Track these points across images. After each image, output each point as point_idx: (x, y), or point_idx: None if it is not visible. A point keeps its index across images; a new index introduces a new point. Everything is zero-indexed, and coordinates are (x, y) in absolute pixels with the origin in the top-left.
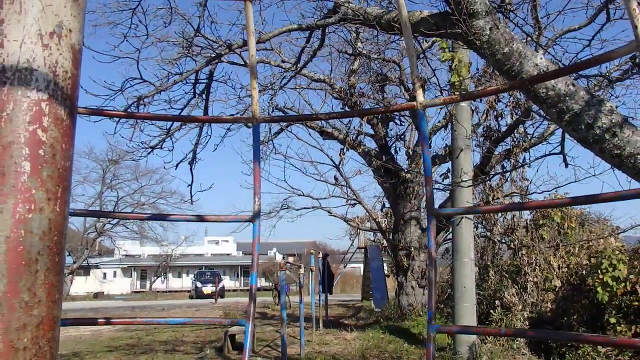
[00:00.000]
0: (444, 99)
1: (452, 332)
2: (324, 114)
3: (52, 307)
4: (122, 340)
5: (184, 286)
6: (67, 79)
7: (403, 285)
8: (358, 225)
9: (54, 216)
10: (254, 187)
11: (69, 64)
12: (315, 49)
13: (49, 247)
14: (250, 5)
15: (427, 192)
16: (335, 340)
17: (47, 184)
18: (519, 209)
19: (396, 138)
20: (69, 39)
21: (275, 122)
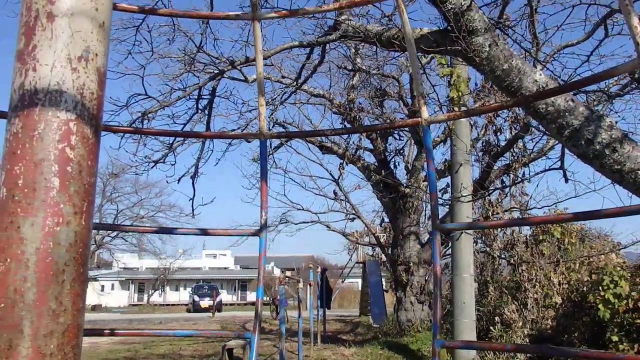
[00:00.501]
0: (448, 115)
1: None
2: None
3: (77, 315)
4: (119, 352)
5: (181, 300)
6: (93, 100)
7: (402, 300)
8: (357, 240)
9: (80, 229)
10: (261, 202)
11: (95, 85)
12: (316, 65)
13: (74, 259)
14: (258, 24)
15: (432, 208)
16: (334, 355)
17: (74, 198)
18: (521, 224)
19: (395, 153)
20: (95, 62)
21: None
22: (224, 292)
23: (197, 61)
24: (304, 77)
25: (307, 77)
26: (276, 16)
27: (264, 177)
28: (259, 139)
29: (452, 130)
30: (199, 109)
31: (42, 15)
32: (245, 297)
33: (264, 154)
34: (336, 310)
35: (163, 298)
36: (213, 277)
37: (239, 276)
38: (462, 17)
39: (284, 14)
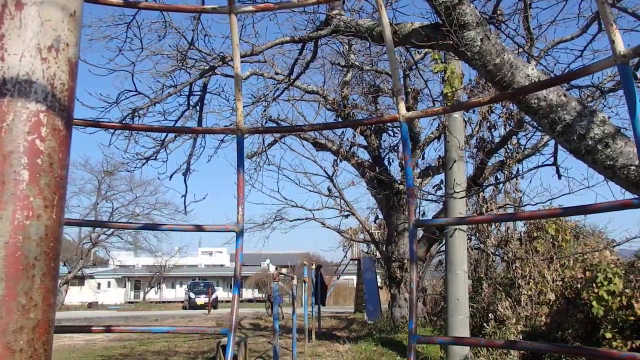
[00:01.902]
0: (426, 111)
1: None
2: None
3: (48, 310)
4: (115, 350)
5: (177, 297)
6: (64, 91)
7: (396, 297)
8: (351, 237)
9: (51, 223)
10: (238, 198)
11: (66, 76)
12: (308, 61)
13: (45, 253)
14: (235, 18)
15: (409, 203)
16: (328, 352)
17: (45, 192)
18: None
19: (390, 149)
20: (66, 52)
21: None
22: (220, 289)
23: (188, 58)
24: (297, 73)
25: (299, 73)
26: (253, 10)
27: (241, 172)
28: (236, 135)
29: (446, 126)
30: (190, 105)
31: (11, 3)
32: (241, 293)
33: (240, 150)
34: (331, 307)
35: (159, 295)
36: (209, 275)
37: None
38: (453, 11)
39: (261, 7)
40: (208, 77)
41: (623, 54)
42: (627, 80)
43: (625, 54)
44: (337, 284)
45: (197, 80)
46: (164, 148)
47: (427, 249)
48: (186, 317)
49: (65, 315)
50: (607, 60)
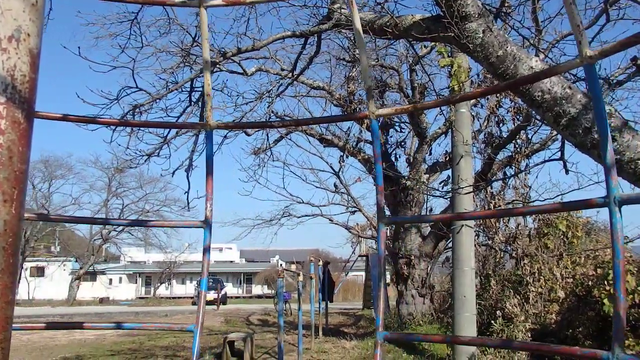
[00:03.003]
0: (395, 108)
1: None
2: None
3: (6, 308)
4: (124, 344)
5: (187, 292)
6: (25, 83)
7: (403, 294)
8: (359, 233)
9: (10, 218)
10: (206, 194)
11: (27, 67)
12: (312, 56)
13: (3, 249)
14: (205, 11)
15: (377, 201)
16: (334, 348)
17: (4, 185)
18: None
19: (396, 145)
20: (27, 43)
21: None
22: (229, 285)
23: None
24: (301, 69)
25: (303, 69)
26: (223, 4)
27: (210, 168)
28: (205, 130)
29: (452, 121)
30: (192, 101)
31: None
32: (250, 290)
33: (210, 145)
34: (340, 303)
35: (170, 291)
36: (219, 271)
37: (244, 269)
38: (454, 3)
39: (231, 1)
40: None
41: (589, 55)
42: (593, 82)
43: (592, 56)
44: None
45: (198, 75)
46: (167, 144)
47: (434, 246)
48: (195, 313)
49: (77, 311)
50: (573, 62)
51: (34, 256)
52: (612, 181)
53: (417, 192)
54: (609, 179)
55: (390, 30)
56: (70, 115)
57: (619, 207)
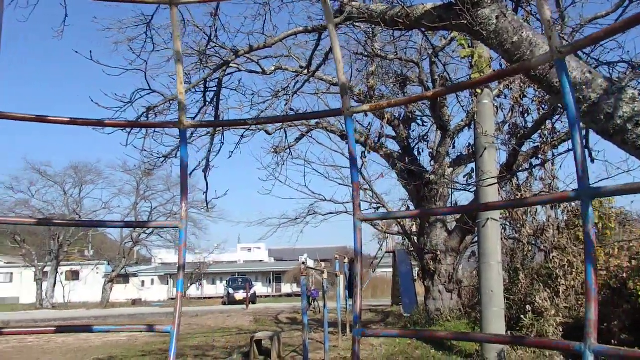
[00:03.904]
0: (370, 105)
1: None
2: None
3: None
4: (155, 345)
5: (218, 293)
6: None
7: (430, 289)
8: (384, 229)
9: None
10: (181, 194)
11: None
12: (327, 52)
13: None
14: (175, 9)
15: (352, 198)
16: (362, 345)
17: None
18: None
19: (419, 139)
20: None
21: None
22: (258, 285)
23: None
24: (317, 65)
25: (319, 65)
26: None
27: (184, 168)
28: (178, 129)
29: (474, 113)
30: (206, 101)
31: None
32: (280, 288)
33: (184, 144)
34: (369, 300)
35: (200, 292)
36: (248, 270)
37: (273, 268)
38: None
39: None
40: (223, 72)
41: (559, 49)
42: (564, 76)
43: (562, 50)
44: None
45: (211, 75)
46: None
47: (460, 240)
48: (225, 313)
49: (110, 313)
50: (544, 56)
51: (68, 260)
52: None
53: (440, 186)
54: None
55: (401, 21)
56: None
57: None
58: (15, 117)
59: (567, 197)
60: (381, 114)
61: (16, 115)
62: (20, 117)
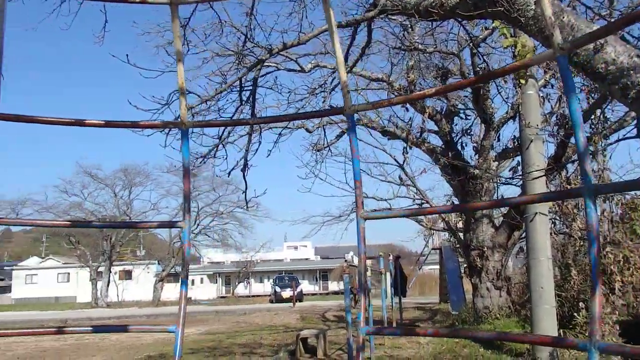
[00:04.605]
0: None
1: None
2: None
3: None
4: (203, 342)
5: (265, 291)
6: None
7: (478, 286)
8: (429, 226)
9: None
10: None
11: None
12: (363, 46)
13: None
14: (176, 8)
15: (356, 196)
16: (408, 343)
17: None
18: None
19: (462, 133)
20: None
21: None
22: (305, 283)
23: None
24: (353, 61)
25: (355, 60)
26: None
27: (187, 167)
28: (180, 128)
29: (519, 105)
30: (242, 100)
31: None
32: (326, 286)
33: (185, 143)
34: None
35: (248, 290)
36: (294, 268)
37: (319, 266)
38: None
39: None
40: (257, 70)
41: (561, 46)
42: (566, 72)
43: (564, 47)
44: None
45: (245, 74)
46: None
47: (508, 236)
48: (272, 310)
49: (162, 311)
50: (546, 53)
51: (121, 260)
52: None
53: (485, 180)
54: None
55: (436, 11)
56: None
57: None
58: (58, 122)
59: (570, 194)
60: (422, 108)
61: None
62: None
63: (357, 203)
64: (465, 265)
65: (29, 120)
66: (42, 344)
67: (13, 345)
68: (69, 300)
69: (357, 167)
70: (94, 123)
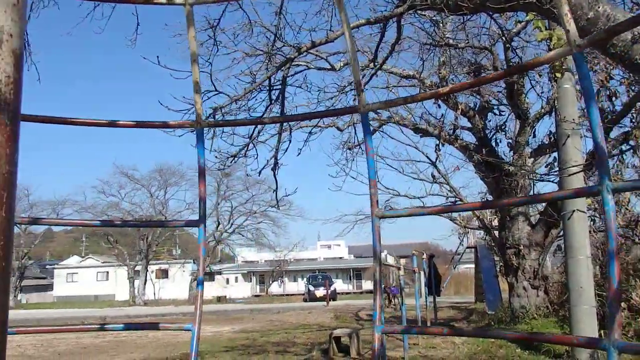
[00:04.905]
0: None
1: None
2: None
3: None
4: (238, 341)
5: (299, 290)
6: (9, 84)
7: (514, 286)
8: (464, 224)
9: (0, 221)
10: (199, 192)
11: (11, 68)
12: (393, 43)
13: None
14: (191, 9)
15: (370, 195)
16: (443, 343)
17: None
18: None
19: (496, 129)
20: (10, 44)
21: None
22: (339, 281)
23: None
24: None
25: (385, 57)
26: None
27: (202, 167)
28: (195, 128)
29: (555, 99)
30: (272, 99)
31: None
32: (360, 285)
33: (201, 143)
34: (451, 297)
35: (282, 289)
36: (328, 267)
37: (353, 265)
38: None
39: None
40: (286, 69)
41: (578, 43)
42: (582, 69)
43: (580, 44)
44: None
45: (274, 73)
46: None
47: (545, 234)
48: (306, 309)
49: None
50: (562, 50)
51: (158, 259)
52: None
53: (520, 177)
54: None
55: (465, 4)
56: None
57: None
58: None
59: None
60: (455, 104)
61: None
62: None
63: (371, 202)
64: (501, 264)
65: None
66: (83, 341)
67: (55, 342)
68: (108, 298)
69: (372, 167)
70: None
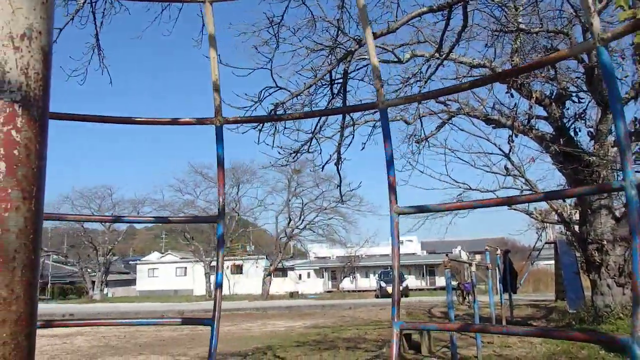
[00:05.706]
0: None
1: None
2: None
3: (29, 303)
4: (309, 336)
5: (371, 286)
6: (38, 80)
7: (597, 283)
8: (540, 218)
9: (30, 215)
10: (218, 188)
11: (40, 65)
12: (460, 31)
13: (25, 245)
14: (210, 6)
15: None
16: (519, 343)
17: (23, 183)
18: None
19: (575, 118)
20: (39, 41)
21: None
22: (411, 278)
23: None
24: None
25: (452, 46)
26: None
27: (221, 164)
28: (214, 125)
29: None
30: (333, 93)
31: None
32: (433, 281)
33: (220, 140)
34: (530, 294)
35: (354, 284)
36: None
37: (426, 261)
38: None
39: None
40: (347, 62)
41: (602, 37)
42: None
43: (605, 38)
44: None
45: (335, 66)
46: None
47: None
48: (377, 305)
49: (270, 304)
50: (586, 43)
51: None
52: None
53: (603, 168)
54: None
55: None
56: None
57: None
58: (136, 121)
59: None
60: (529, 92)
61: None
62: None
63: (390, 198)
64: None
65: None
66: (162, 334)
67: (136, 334)
68: (186, 292)
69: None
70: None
